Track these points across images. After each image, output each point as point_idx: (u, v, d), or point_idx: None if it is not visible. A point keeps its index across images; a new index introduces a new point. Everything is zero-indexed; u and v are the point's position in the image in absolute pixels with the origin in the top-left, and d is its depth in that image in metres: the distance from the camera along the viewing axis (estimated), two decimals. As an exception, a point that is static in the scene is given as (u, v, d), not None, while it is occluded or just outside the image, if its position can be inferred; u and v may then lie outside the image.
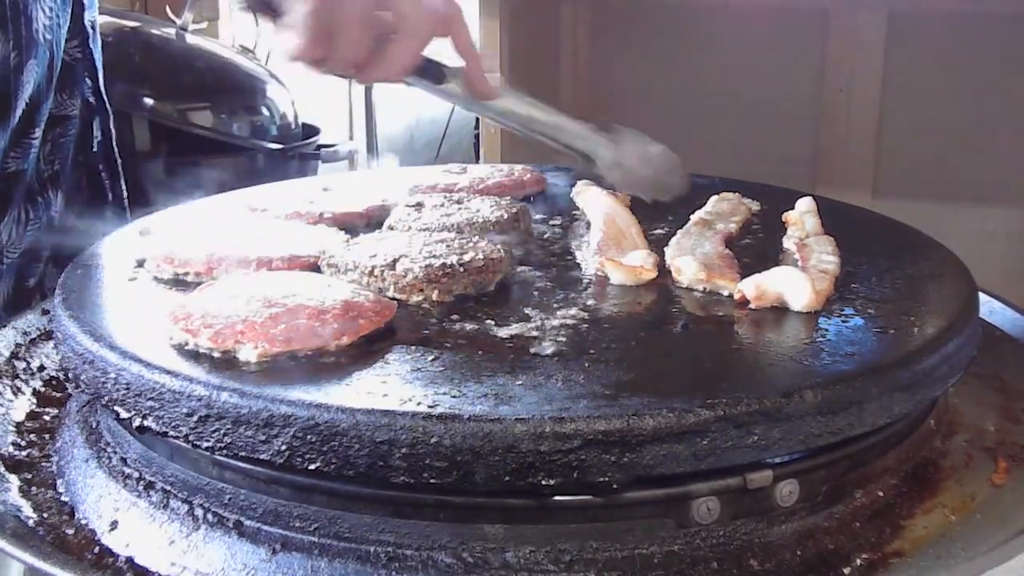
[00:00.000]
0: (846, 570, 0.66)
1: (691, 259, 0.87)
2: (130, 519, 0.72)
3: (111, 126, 1.25)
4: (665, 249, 0.93)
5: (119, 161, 1.26)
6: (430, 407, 0.63)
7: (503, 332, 0.76)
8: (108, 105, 1.23)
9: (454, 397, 0.65)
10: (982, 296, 0.90)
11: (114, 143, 1.25)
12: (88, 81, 1.19)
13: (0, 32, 1.03)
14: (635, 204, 1.05)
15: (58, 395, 0.92)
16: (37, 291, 1.15)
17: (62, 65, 1.14)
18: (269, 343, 0.70)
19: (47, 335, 0.97)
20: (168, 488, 0.72)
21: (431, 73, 0.92)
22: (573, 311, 0.80)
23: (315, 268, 0.87)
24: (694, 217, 1.02)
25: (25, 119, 1.10)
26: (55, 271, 1.16)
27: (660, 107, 2.06)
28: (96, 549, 0.70)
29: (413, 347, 0.73)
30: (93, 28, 1.19)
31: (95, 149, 1.23)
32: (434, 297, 0.82)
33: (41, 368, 0.95)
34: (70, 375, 0.77)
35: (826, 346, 0.74)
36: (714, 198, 1.08)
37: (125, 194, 1.28)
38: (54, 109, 1.14)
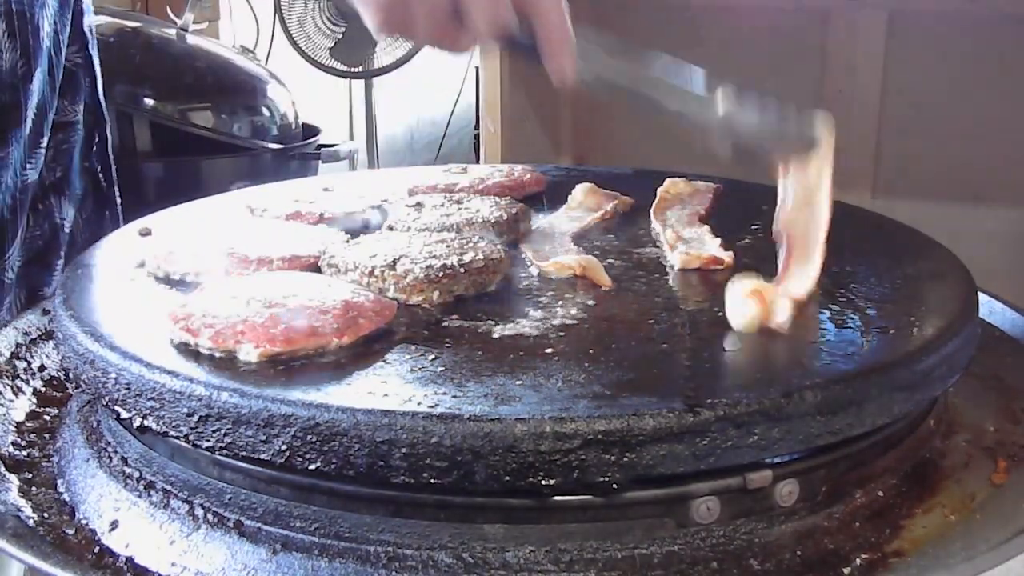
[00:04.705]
0: (846, 570, 0.66)
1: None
2: (130, 519, 0.72)
3: (107, 133, 1.23)
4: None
5: (113, 168, 1.25)
6: (430, 407, 0.63)
7: (503, 332, 0.76)
8: (105, 112, 1.22)
9: (454, 397, 0.65)
10: (982, 296, 0.90)
11: (109, 150, 1.24)
12: (88, 87, 1.19)
13: (8, 41, 1.03)
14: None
15: (58, 395, 0.92)
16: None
17: (64, 71, 1.14)
18: (269, 343, 0.70)
19: (47, 335, 0.97)
20: (168, 488, 0.72)
21: (524, 46, 0.83)
22: (573, 311, 0.80)
23: (315, 268, 0.87)
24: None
25: (35, 128, 1.09)
26: None
27: (660, 107, 2.05)
28: (96, 549, 0.70)
29: (413, 347, 0.73)
30: (91, 33, 1.19)
31: (95, 155, 1.22)
32: (434, 297, 0.81)
33: (41, 368, 0.95)
34: (71, 375, 0.77)
35: (826, 346, 0.75)
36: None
37: (119, 202, 1.27)
38: (57, 115, 1.14)
